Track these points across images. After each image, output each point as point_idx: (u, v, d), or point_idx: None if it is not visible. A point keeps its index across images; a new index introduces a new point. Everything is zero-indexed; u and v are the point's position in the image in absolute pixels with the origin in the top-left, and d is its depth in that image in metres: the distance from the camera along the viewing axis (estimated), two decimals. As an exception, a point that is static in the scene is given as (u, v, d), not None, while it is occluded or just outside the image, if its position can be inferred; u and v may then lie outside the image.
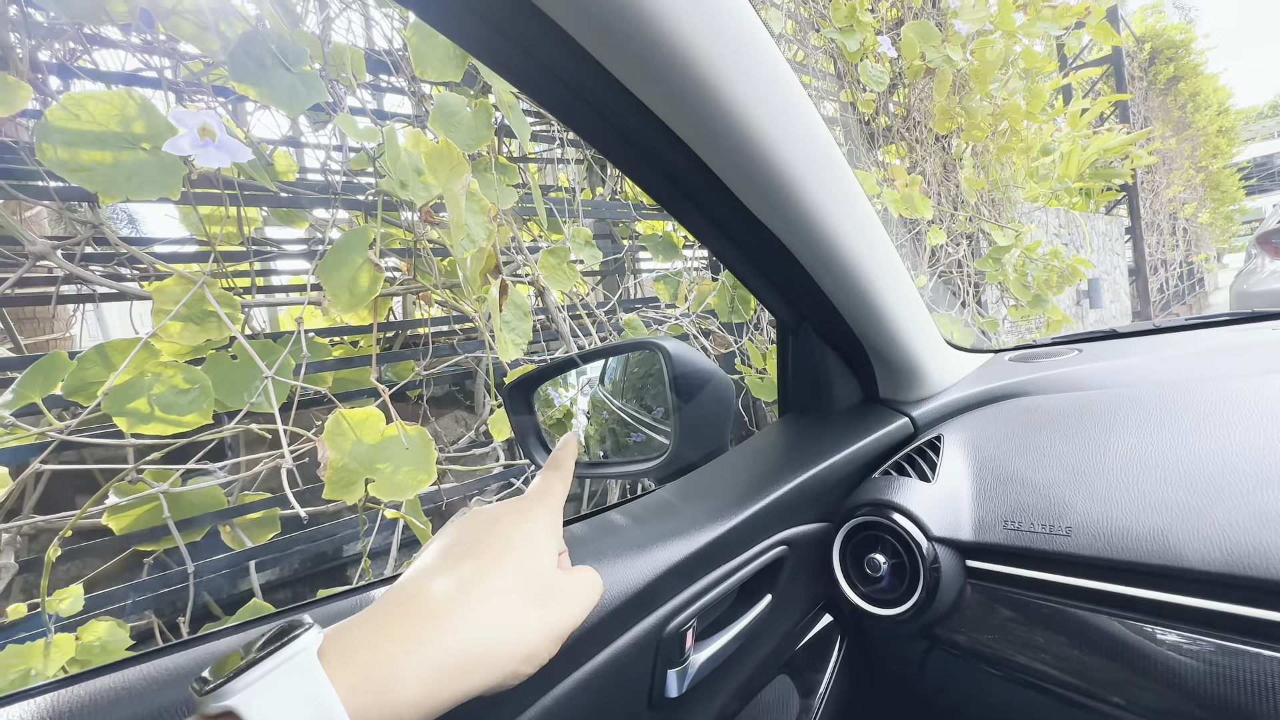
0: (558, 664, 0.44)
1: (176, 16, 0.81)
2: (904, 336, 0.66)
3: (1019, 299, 2.84)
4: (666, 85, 0.36)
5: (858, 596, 0.58)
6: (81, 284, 0.87)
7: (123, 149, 0.75)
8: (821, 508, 0.63)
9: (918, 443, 0.67)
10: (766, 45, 0.40)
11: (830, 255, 0.55)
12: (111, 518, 1.00)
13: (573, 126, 0.45)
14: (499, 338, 0.92)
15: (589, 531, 0.53)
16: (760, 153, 0.43)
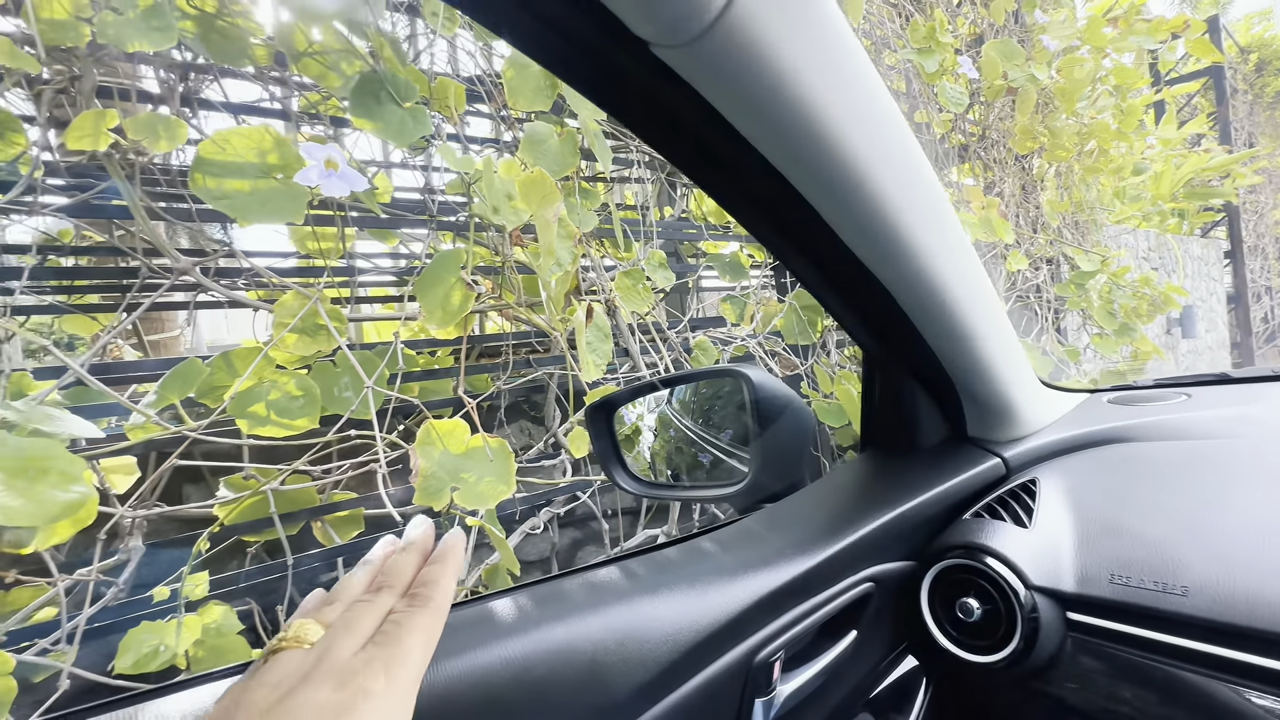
0: (652, 687, 0.46)
1: (307, 58, 0.90)
2: (997, 374, 0.65)
3: (1104, 327, 2.68)
4: (766, 116, 0.37)
5: (948, 640, 0.57)
6: (212, 294, 0.96)
7: (259, 178, 0.83)
8: (908, 546, 0.62)
9: (1010, 485, 0.65)
10: (869, 72, 0.41)
11: (926, 290, 0.55)
12: (222, 509, 1.10)
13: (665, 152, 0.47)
14: (582, 358, 0.95)
15: (681, 557, 0.55)
16: (861, 186, 0.44)
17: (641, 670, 0.45)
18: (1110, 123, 2.53)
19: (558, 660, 0.42)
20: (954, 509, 0.65)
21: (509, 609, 0.45)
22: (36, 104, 0.84)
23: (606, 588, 0.49)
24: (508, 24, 0.35)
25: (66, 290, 1.27)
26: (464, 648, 0.40)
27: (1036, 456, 0.69)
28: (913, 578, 0.62)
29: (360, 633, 0.31)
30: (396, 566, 0.37)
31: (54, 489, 0.63)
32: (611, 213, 1.25)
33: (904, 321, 0.60)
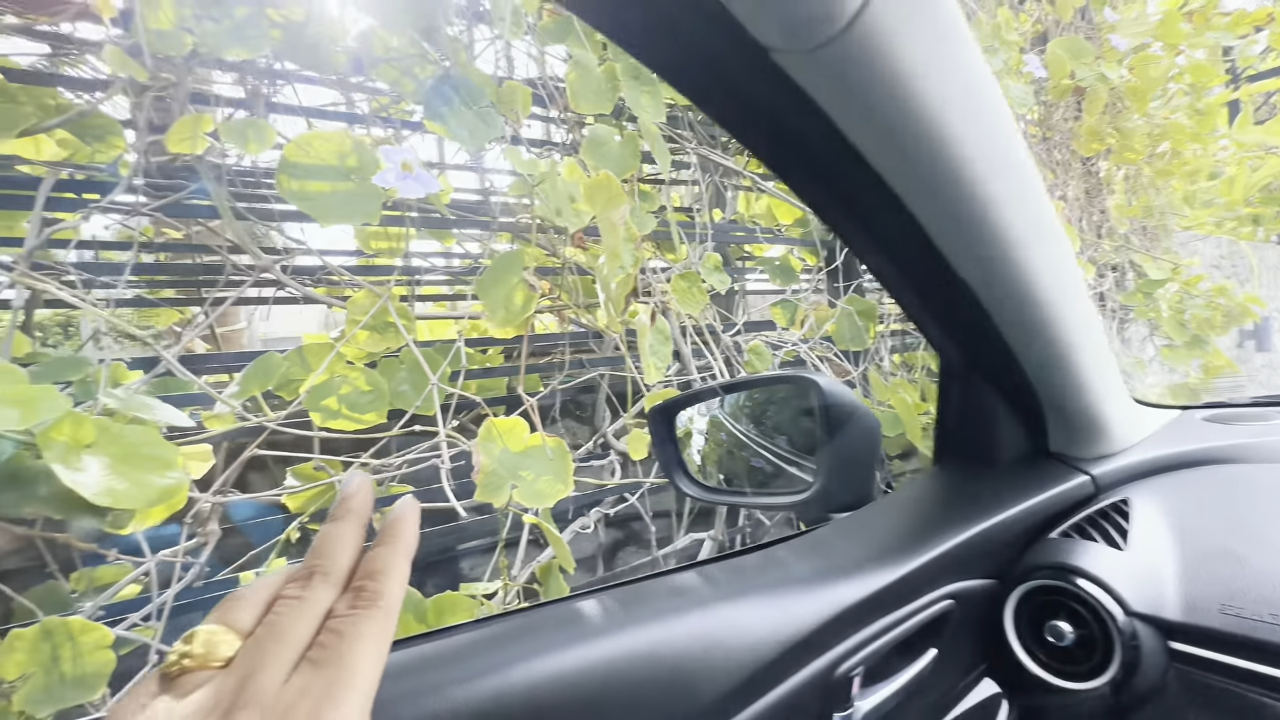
0: (735, 696, 0.46)
1: (385, 64, 0.92)
2: (1089, 387, 0.62)
3: (1174, 339, 2.54)
4: (882, 122, 0.36)
5: (1036, 665, 0.55)
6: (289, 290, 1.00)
7: (338, 181, 0.86)
8: (990, 564, 0.60)
9: (1100, 505, 0.62)
10: (987, 77, 0.39)
11: (1021, 298, 0.53)
12: (290, 498, 1.14)
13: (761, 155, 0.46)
14: (644, 360, 0.96)
15: (759, 564, 0.54)
16: (970, 193, 0.43)
17: (725, 679, 0.45)
18: (1185, 123, 2.40)
19: (646, 665, 0.42)
20: (1038, 527, 0.62)
21: (596, 610, 0.45)
22: (136, 110, 0.89)
23: (689, 593, 0.49)
24: (621, 27, 0.35)
25: (148, 285, 1.34)
26: (555, 648, 0.40)
27: (1127, 475, 0.66)
28: (994, 597, 0.60)
29: (291, 645, 0.24)
30: (329, 545, 0.28)
31: (154, 474, 0.67)
32: (668, 216, 1.25)
33: (991, 329, 0.58)
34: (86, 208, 0.86)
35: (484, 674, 0.37)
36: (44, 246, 0.89)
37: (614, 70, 1.13)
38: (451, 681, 0.36)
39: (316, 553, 0.28)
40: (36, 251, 0.86)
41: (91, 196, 0.94)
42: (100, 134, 0.92)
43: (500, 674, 0.37)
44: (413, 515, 0.30)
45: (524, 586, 1.16)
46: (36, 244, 0.79)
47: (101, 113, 0.90)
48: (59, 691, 0.66)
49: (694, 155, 1.45)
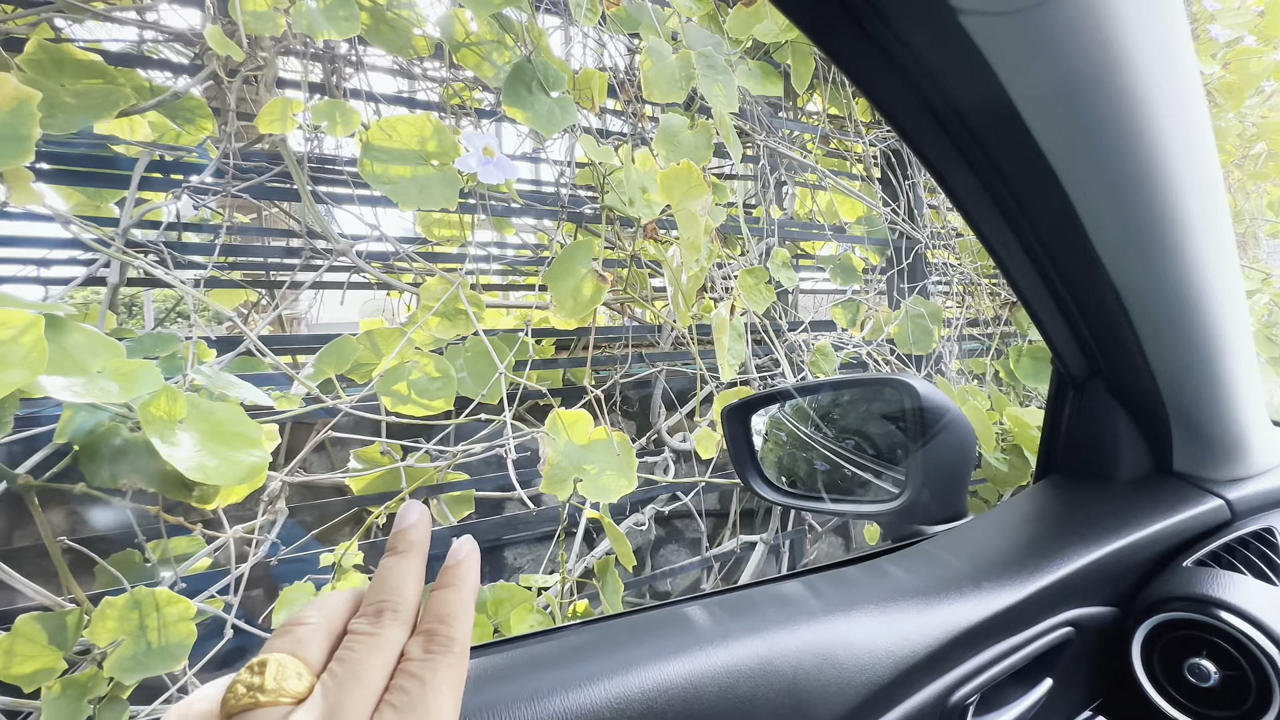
0: (851, 718, 0.43)
1: (465, 49, 0.92)
2: (1228, 400, 0.57)
3: (1260, 354, 2.37)
4: (1075, 102, 0.32)
5: (1172, 706, 0.50)
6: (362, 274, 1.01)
7: (418, 165, 0.86)
8: (1111, 591, 0.55)
9: (1239, 533, 0.57)
10: (1190, 58, 0.35)
11: (1178, 306, 0.48)
12: (353, 480, 1.15)
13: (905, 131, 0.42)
14: (720, 357, 0.93)
15: (865, 577, 0.51)
16: (1151, 186, 0.38)
17: (840, 700, 0.42)
18: (1286, 123, 2.23)
19: (761, 679, 0.40)
20: (1166, 553, 0.57)
21: (704, 617, 0.43)
22: (225, 92, 0.90)
23: (797, 604, 0.46)
24: None
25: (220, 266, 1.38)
26: (667, 654, 0.38)
27: (1269, 501, 0.60)
28: (1117, 627, 0.55)
29: (371, 686, 0.23)
30: (395, 581, 0.27)
31: (241, 451, 0.67)
32: (736, 211, 1.22)
33: (1128, 336, 0.53)
34: (178, 188, 0.88)
35: (602, 677, 0.35)
36: (134, 226, 0.91)
37: (688, 58, 1.11)
38: (572, 683, 0.34)
39: (383, 588, 0.27)
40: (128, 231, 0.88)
41: (178, 177, 0.96)
42: (190, 116, 0.94)
43: (619, 679, 0.35)
44: (474, 557, 0.29)
45: (579, 580, 1.15)
46: (131, 223, 0.81)
47: (192, 95, 0.91)
48: (146, 660, 0.68)
49: (761, 147, 1.41)
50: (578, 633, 0.40)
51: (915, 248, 1.70)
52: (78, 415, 0.68)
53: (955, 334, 1.79)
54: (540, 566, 1.37)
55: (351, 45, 0.99)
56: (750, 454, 0.83)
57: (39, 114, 0.63)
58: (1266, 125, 2.26)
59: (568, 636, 0.39)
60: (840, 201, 1.71)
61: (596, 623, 0.41)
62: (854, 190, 1.59)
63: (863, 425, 0.85)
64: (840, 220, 1.80)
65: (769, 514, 1.71)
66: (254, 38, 0.89)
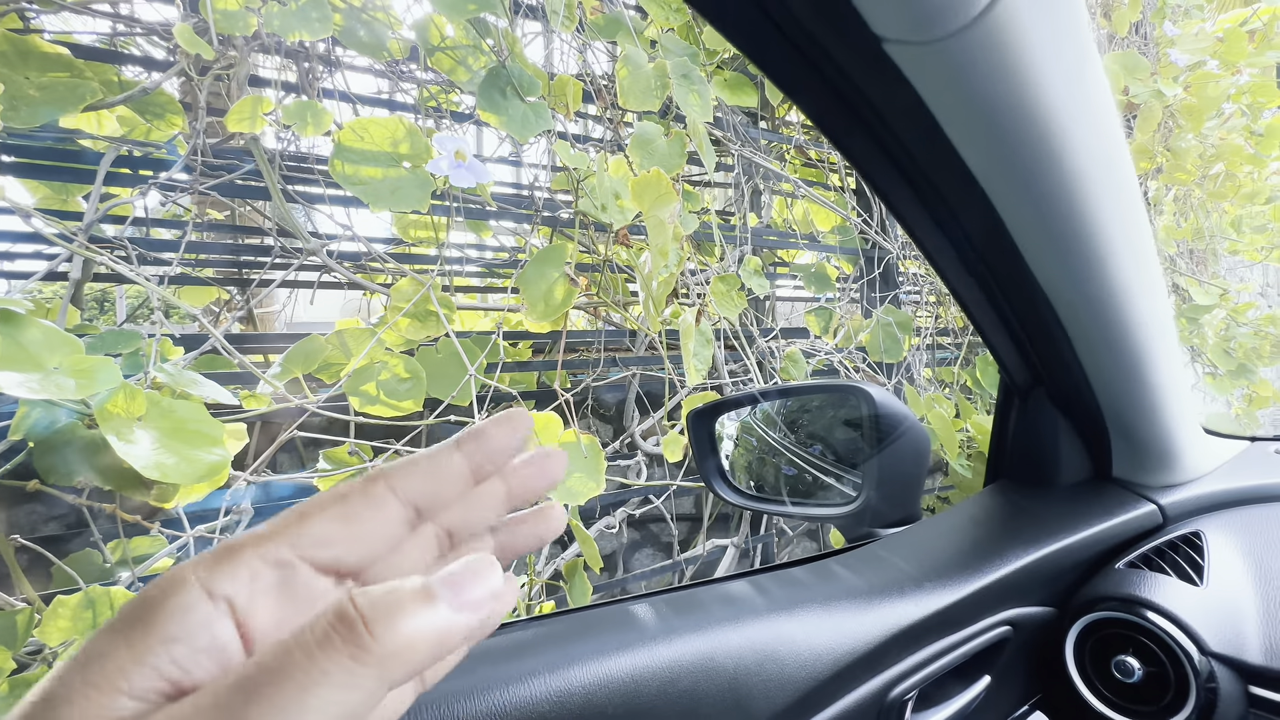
0: (790, 713, 0.44)
1: (440, 53, 0.92)
2: (1161, 412, 0.60)
3: (1217, 366, 2.45)
4: (993, 123, 0.34)
5: (1100, 701, 0.52)
6: (332, 274, 1.01)
7: (390, 167, 0.87)
8: (1048, 592, 0.58)
9: (1168, 536, 0.59)
10: (1103, 83, 0.37)
11: (1106, 320, 0.51)
12: (322, 481, 1.15)
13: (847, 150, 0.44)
14: (687, 361, 0.94)
15: (811, 577, 0.53)
16: (1071, 204, 0.41)
17: (780, 694, 0.43)
18: (1243, 145, 2.32)
19: (702, 674, 0.41)
20: (1101, 556, 0.60)
21: (651, 615, 0.44)
22: (195, 89, 0.90)
23: (742, 602, 0.47)
24: (728, 17, 0.34)
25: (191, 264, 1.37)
26: (612, 650, 0.39)
27: (1197, 507, 0.63)
28: (1053, 626, 0.57)
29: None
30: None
31: (201, 450, 0.67)
32: (710, 218, 1.24)
33: (1064, 347, 0.56)
34: (144, 183, 0.87)
35: (542, 672, 0.36)
36: (100, 221, 0.90)
37: (664, 68, 1.12)
38: (512, 678, 0.35)
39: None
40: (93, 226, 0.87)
41: (146, 173, 0.95)
42: (159, 112, 0.93)
43: (559, 674, 0.36)
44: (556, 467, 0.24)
45: (547, 583, 1.16)
46: (96, 218, 0.80)
47: (163, 91, 0.91)
48: (99, 660, 0.67)
49: (736, 157, 1.43)
50: (522, 629, 0.41)
51: (887, 258, 1.74)
52: (34, 412, 0.67)
53: (924, 343, 1.83)
54: (511, 569, 1.37)
55: (327, 46, 0.99)
56: (714, 457, 0.84)
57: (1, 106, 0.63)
58: (1225, 147, 2.35)
59: (512, 633, 0.40)
60: (815, 211, 1.75)
61: (541, 620, 0.42)
62: (827, 201, 1.63)
63: (823, 430, 0.87)
64: (815, 229, 1.83)
65: (741, 518, 1.73)
66: (226, 36, 0.89)
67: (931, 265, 0.54)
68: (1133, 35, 2.53)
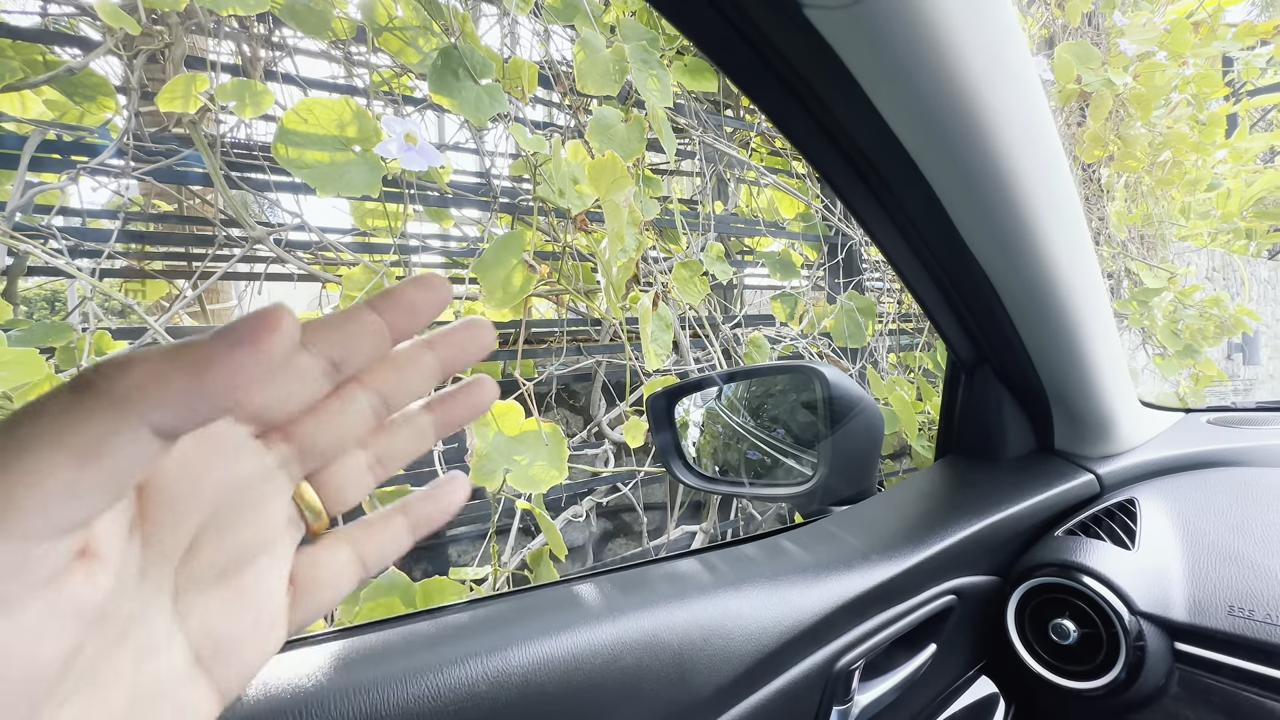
0: (735, 686, 0.45)
1: (388, 34, 0.90)
2: (1099, 386, 0.62)
3: (1166, 347, 2.55)
4: (914, 92, 0.35)
5: (1037, 663, 0.54)
6: (282, 264, 0.98)
7: (337, 150, 0.84)
8: (993, 561, 0.59)
9: (1106, 504, 0.61)
10: (1025, 58, 0.38)
11: (1042, 296, 0.52)
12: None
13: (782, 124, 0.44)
14: (645, 346, 0.94)
15: (761, 554, 0.53)
16: (997, 178, 0.41)
17: (725, 668, 0.44)
18: (1189, 133, 2.41)
19: (646, 652, 0.41)
20: (1042, 524, 0.61)
21: (595, 595, 0.44)
22: (129, 69, 0.86)
23: (690, 580, 0.47)
24: None
25: (136, 255, 1.31)
26: (553, 631, 0.39)
27: (1133, 475, 0.65)
28: (997, 594, 0.59)
29: None
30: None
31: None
32: (672, 204, 1.23)
33: (1005, 324, 0.57)
34: (73, 169, 0.83)
35: (479, 655, 0.36)
36: (28, 209, 0.86)
37: (622, 52, 1.11)
38: (446, 662, 0.35)
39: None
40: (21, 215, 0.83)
41: (80, 159, 0.91)
42: (90, 94, 0.89)
43: (497, 655, 0.36)
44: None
45: (514, 573, 1.15)
46: (18, 204, 0.76)
47: (93, 71, 0.87)
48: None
49: (699, 144, 1.43)
50: (461, 612, 0.40)
51: (850, 244, 1.76)
52: (-47, 408, 0.64)
53: (887, 328, 1.86)
54: (479, 559, 1.36)
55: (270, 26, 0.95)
56: (674, 441, 0.85)
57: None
58: (1172, 135, 2.44)
59: (450, 616, 0.40)
60: (779, 199, 1.76)
61: (482, 602, 0.42)
62: (791, 188, 1.64)
63: (781, 411, 0.88)
64: (781, 217, 1.85)
65: (710, 504, 1.74)
66: (161, 13, 0.85)
67: (877, 246, 0.55)
68: (1085, 25, 2.60)
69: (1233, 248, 4.73)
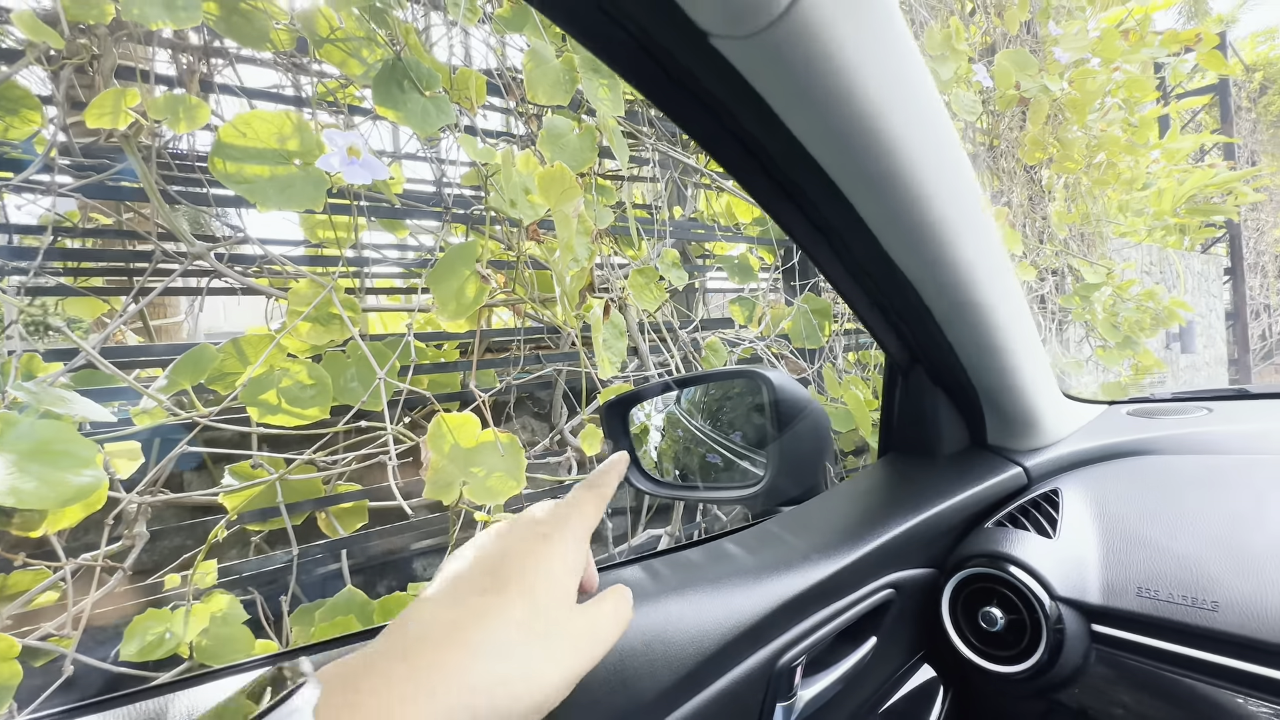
0: (677, 690, 0.46)
1: (329, 44, 0.89)
2: (1022, 384, 0.65)
3: (1107, 340, 2.68)
4: (821, 112, 0.37)
5: (970, 650, 0.56)
6: (225, 280, 0.95)
7: (278, 164, 0.83)
8: (929, 554, 0.62)
9: (1032, 495, 0.65)
10: (923, 75, 0.40)
11: (961, 300, 0.55)
12: (227, 497, 1.09)
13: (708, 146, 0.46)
14: (598, 354, 0.95)
15: (705, 559, 0.54)
16: (907, 189, 0.44)
17: (667, 673, 0.45)
18: (1120, 135, 2.54)
19: (586, 660, 0.42)
20: (975, 517, 0.64)
21: (536, 606, 0.44)
22: (54, 82, 0.83)
23: (633, 586, 0.48)
24: (562, 9, 0.34)
25: (73, 273, 1.26)
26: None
27: (1058, 466, 0.69)
28: (933, 585, 0.61)
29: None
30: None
31: (67, 472, 0.62)
32: (627, 210, 1.25)
33: (933, 327, 0.60)
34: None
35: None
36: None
37: (572, 62, 1.12)
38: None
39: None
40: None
41: (5, 175, 0.87)
42: (13, 107, 0.85)
43: None
44: (621, 466, 0.46)
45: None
46: (-64, 223, 0.73)
47: (16, 84, 0.83)
48: (-43, 707, 0.61)
49: (654, 151, 1.44)
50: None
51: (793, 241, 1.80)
52: None
53: (843, 328, 1.91)
54: (441, 574, 1.34)
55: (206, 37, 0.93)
56: (629, 448, 0.85)
57: None
58: (1105, 138, 2.57)
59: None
60: (735, 204, 1.79)
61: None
62: (744, 193, 1.67)
63: (734, 415, 0.89)
64: (737, 221, 1.88)
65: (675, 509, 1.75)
66: (88, 24, 0.82)
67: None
68: (1025, 34, 2.72)
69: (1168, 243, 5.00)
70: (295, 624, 0.99)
